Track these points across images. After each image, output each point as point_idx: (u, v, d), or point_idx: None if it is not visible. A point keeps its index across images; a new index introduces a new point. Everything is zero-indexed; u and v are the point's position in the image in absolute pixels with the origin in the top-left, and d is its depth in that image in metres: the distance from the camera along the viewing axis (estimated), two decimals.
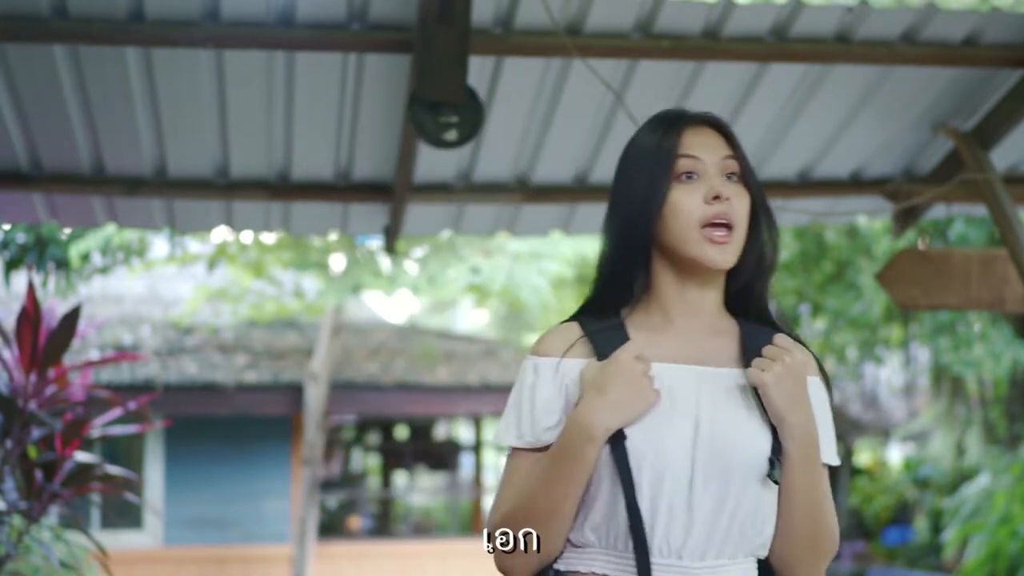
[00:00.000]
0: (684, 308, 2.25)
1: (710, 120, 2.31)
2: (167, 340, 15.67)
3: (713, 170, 2.23)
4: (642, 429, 2.14)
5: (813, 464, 2.18)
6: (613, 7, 4.88)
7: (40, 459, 5.38)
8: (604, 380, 2.14)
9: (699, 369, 2.21)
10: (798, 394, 2.15)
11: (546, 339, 2.29)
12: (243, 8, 4.72)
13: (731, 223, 2.19)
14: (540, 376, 2.25)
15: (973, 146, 5.55)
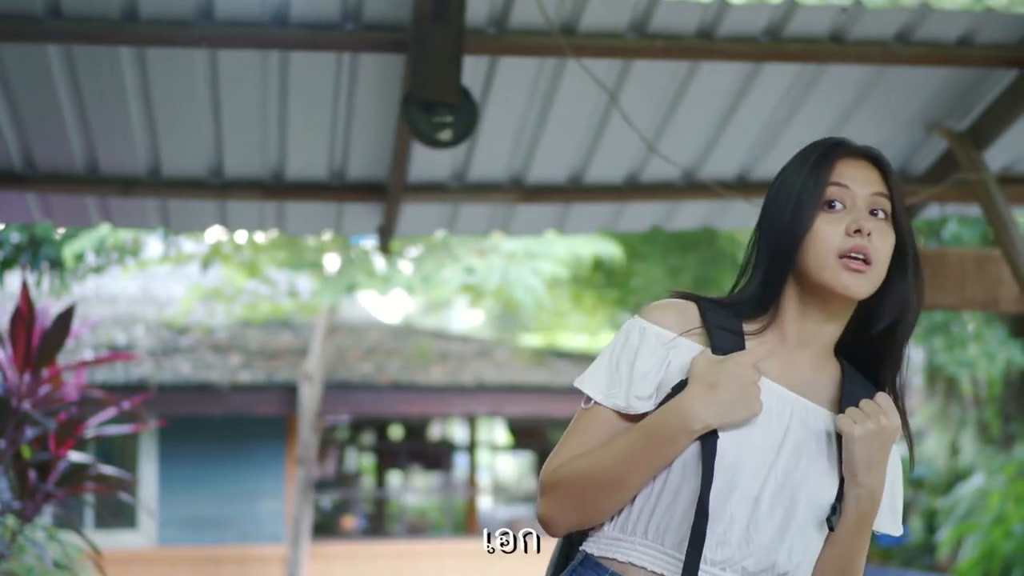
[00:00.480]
0: (800, 336, 2.23)
1: (870, 154, 2.28)
2: (161, 340, 15.65)
3: (861, 203, 2.20)
4: (733, 435, 2.12)
5: (866, 526, 2.19)
6: (607, 7, 4.88)
7: (34, 459, 5.37)
8: (718, 377, 2.12)
9: (795, 399, 2.20)
10: (879, 457, 2.16)
11: (661, 309, 2.26)
12: (237, 8, 4.72)
13: (868, 258, 2.16)
14: (645, 342, 2.22)
15: (967, 146, 5.56)
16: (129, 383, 13.96)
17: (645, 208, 6.45)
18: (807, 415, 2.19)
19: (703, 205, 6.49)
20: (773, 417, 2.16)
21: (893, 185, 2.24)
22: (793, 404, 2.19)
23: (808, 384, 2.22)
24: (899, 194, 2.25)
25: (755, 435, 2.14)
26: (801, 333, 2.23)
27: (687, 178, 5.98)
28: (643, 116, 5.47)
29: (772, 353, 2.21)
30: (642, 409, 2.16)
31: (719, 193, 5.89)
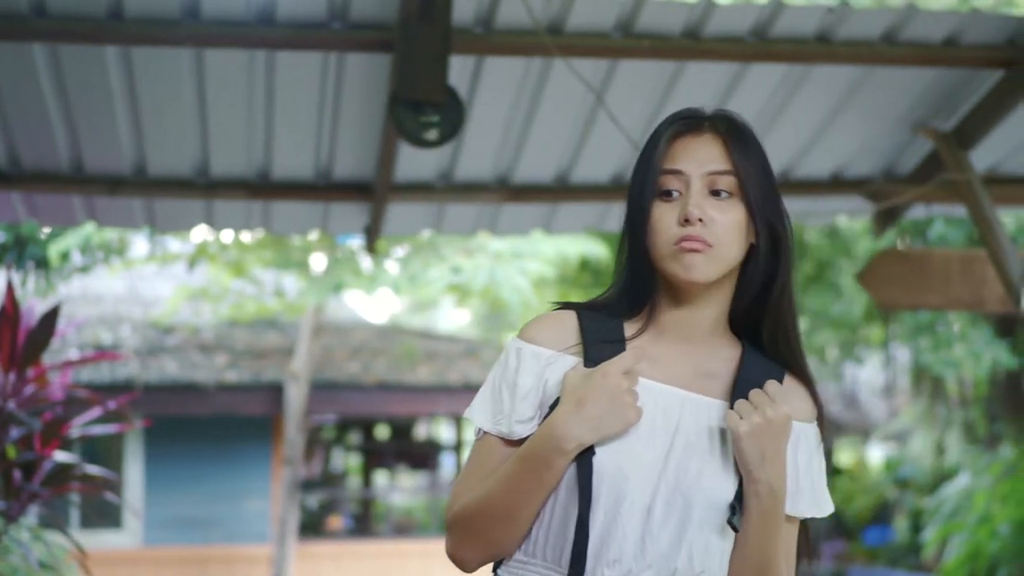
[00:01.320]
0: (678, 327, 2.15)
1: (716, 125, 2.15)
2: (147, 340, 15.62)
3: (696, 185, 2.10)
4: (612, 448, 2.05)
5: (773, 521, 2.07)
6: (594, 7, 4.88)
7: (19, 459, 5.36)
8: (586, 392, 2.04)
9: (684, 395, 2.11)
10: (772, 450, 2.04)
11: (537, 325, 2.19)
12: (223, 7, 4.71)
13: (705, 240, 2.07)
14: (523, 363, 2.14)
15: (953, 147, 5.57)
16: (115, 383, 13.93)
17: None
18: (699, 411, 2.10)
19: None
20: (659, 420, 2.08)
21: (738, 153, 2.11)
22: (682, 401, 2.10)
23: (700, 377, 2.13)
24: (748, 160, 2.12)
25: (638, 444, 2.06)
26: (678, 324, 2.15)
27: None
28: (630, 116, 5.47)
29: (647, 353, 2.12)
30: (524, 433, 2.11)
31: None
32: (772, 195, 2.14)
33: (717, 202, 2.09)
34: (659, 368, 2.13)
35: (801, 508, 2.15)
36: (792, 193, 6.24)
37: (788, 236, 2.16)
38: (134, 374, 14.44)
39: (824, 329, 15.37)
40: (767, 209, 2.13)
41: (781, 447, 2.06)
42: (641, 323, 2.17)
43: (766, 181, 2.13)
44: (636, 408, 2.05)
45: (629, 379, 2.05)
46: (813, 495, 2.16)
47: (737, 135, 2.14)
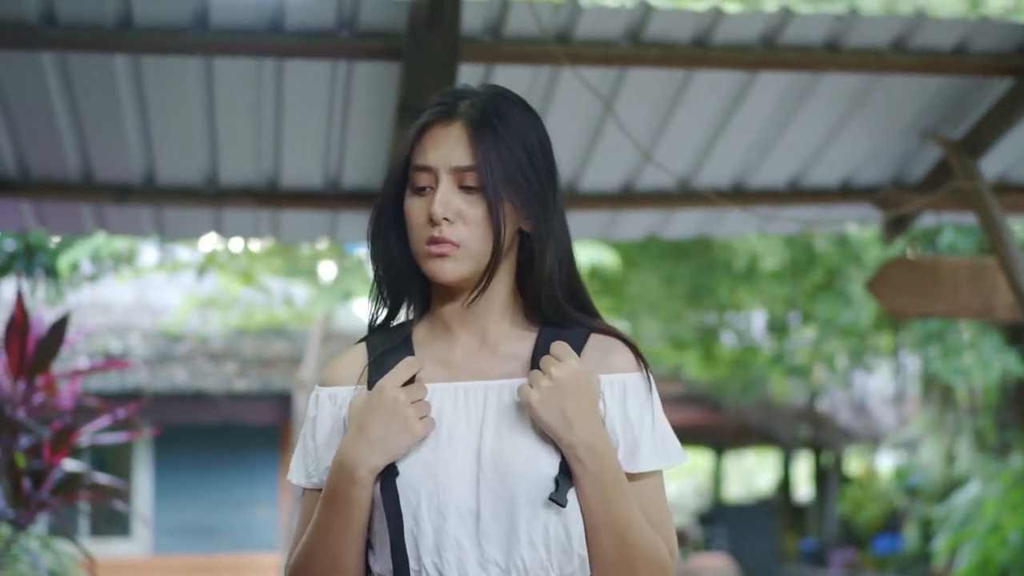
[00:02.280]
0: (462, 318, 2.07)
1: (468, 112, 2.04)
2: (156, 348, 15.63)
3: (446, 180, 2.01)
4: (419, 461, 1.97)
5: (609, 483, 1.96)
6: (602, 15, 4.88)
7: (28, 467, 5.36)
8: (365, 414, 1.97)
9: (486, 386, 2.02)
10: (574, 409, 1.94)
11: (332, 365, 2.14)
12: (232, 15, 4.72)
13: (449, 247, 1.99)
14: (321, 409, 2.09)
15: (962, 154, 5.56)
16: (124, 391, 13.94)
17: (640, 216, 6.45)
18: (503, 395, 2.01)
19: (698, 213, 6.49)
20: (461, 419, 2.00)
21: (482, 144, 2.00)
22: (485, 392, 2.02)
23: (500, 362, 2.05)
24: (495, 149, 2.01)
25: (446, 449, 1.98)
26: (462, 317, 2.07)
27: (682, 186, 5.98)
28: (638, 124, 5.47)
29: (443, 349, 2.06)
30: None
31: (714, 201, 5.89)
32: (526, 179, 2.03)
33: (467, 196, 2.01)
34: (453, 366, 2.05)
35: (643, 462, 2.03)
36: (801, 201, 6.24)
37: (553, 215, 2.06)
38: (143, 383, 14.45)
39: (833, 337, 15.34)
40: (522, 195, 2.03)
41: (584, 404, 1.96)
42: (428, 323, 2.11)
43: (516, 167, 2.02)
44: (421, 420, 1.97)
45: (410, 390, 1.98)
46: (654, 445, 2.04)
47: (484, 123, 2.02)
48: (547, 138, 2.10)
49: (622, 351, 2.08)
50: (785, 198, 6.20)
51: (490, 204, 1.99)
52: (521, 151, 2.04)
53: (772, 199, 6.17)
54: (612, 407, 2.03)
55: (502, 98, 2.08)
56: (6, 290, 11.01)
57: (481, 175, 2.00)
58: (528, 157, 2.04)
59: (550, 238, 2.05)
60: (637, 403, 2.05)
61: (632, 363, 2.07)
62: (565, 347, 1.99)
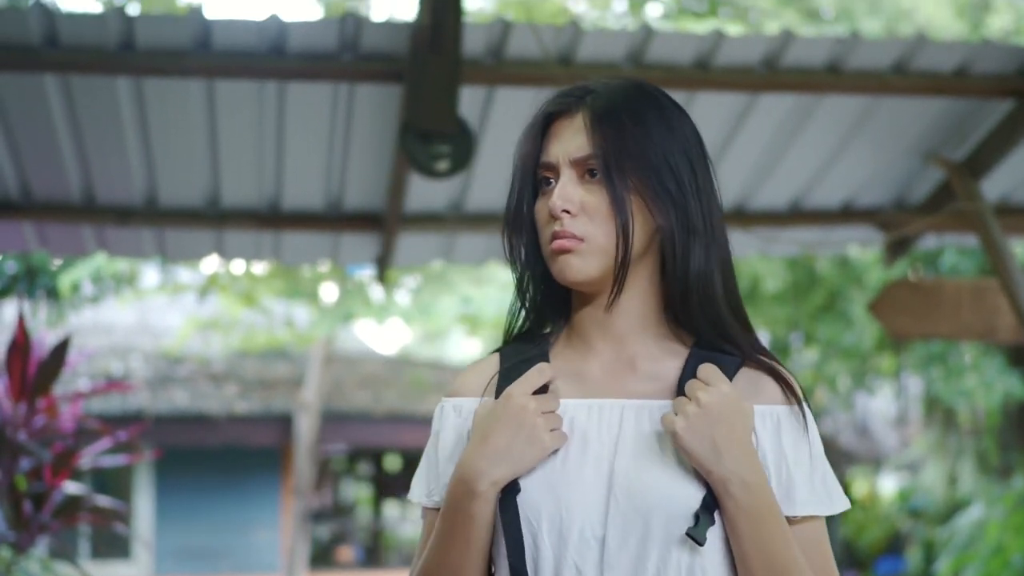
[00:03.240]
0: (601, 331, 1.90)
1: (591, 103, 1.88)
2: (157, 370, 15.64)
3: (566, 173, 1.86)
4: (543, 478, 1.81)
5: (763, 519, 1.77)
6: (604, 37, 4.89)
7: (29, 490, 5.35)
8: (490, 423, 1.81)
9: (623, 405, 1.85)
10: (724, 437, 1.75)
11: (460, 376, 1.99)
12: (234, 38, 4.73)
13: (573, 235, 1.83)
14: (445, 422, 1.95)
15: (964, 176, 5.56)
16: (126, 413, 13.94)
17: None
18: (642, 417, 1.83)
19: None
20: (593, 437, 1.83)
21: (604, 131, 1.84)
22: (621, 411, 1.84)
23: (640, 381, 1.87)
24: (619, 136, 1.84)
25: (573, 468, 1.81)
26: (600, 328, 1.90)
27: None
28: None
29: (580, 363, 1.90)
30: None
31: None
32: (658, 172, 1.85)
33: (591, 187, 1.85)
34: (590, 380, 1.89)
35: (800, 504, 1.83)
36: (803, 223, 6.24)
37: (698, 215, 1.87)
38: (144, 404, 14.44)
39: (835, 359, 15.33)
40: (654, 187, 1.84)
41: (737, 432, 1.77)
42: (566, 336, 1.95)
43: (644, 157, 1.85)
44: (551, 432, 1.81)
45: (541, 399, 1.82)
46: (812, 487, 1.85)
47: (608, 110, 1.86)
48: (694, 135, 1.92)
49: (778, 382, 1.88)
50: (787, 220, 6.20)
51: (611, 192, 1.82)
52: (652, 142, 1.85)
53: (774, 221, 6.17)
54: (765, 440, 1.84)
55: (636, 88, 1.91)
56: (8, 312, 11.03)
57: (601, 161, 1.83)
58: (662, 149, 1.85)
59: (693, 239, 1.85)
60: (792, 439, 1.85)
61: (787, 396, 1.87)
62: (714, 370, 1.81)
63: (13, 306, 11.01)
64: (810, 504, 1.84)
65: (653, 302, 1.90)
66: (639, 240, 1.84)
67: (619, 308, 1.88)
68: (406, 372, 16.80)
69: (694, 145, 1.91)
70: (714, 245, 1.87)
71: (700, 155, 1.91)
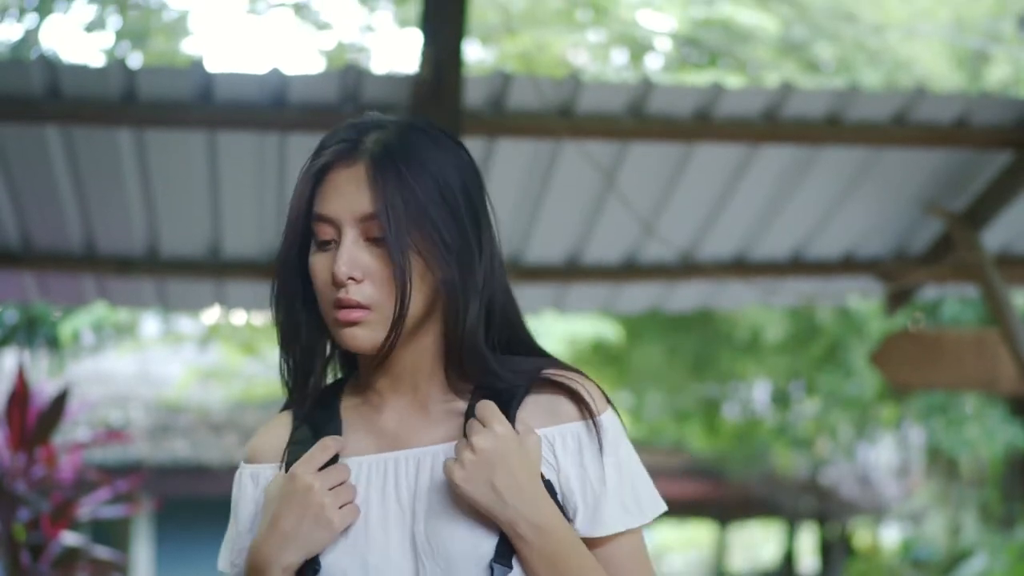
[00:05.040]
0: (390, 380, 1.79)
1: (371, 149, 1.74)
2: (157, 420, 15.61)
3: (350, 233, 1.72)
4: (347, 551, 1.72)
5: (560, 557, 1.69)
6: (604, 90, 4.91)
7: (27, 541, 5.33)
8: (278, 505, 1.72)
9: (418, 453, 1.76)
10: (505, 480, 1.67)
11: (256, 439, 1.88)
12: (236, 90, 4.74)
13: (361, 307, 1.72)
14: (242, 490, 1.86)
15: (964, 227, 5.57)
16: (125, 463, 13.89)
17: (642, 289, 6.45)
18: (436, 464, 1.74)
19: (700, 286, 6.49)
20: (391, 498, 1.74)
21: (384, 186, 1.71)
22: (417, 463, 1.75)
23: (434, 426, 1.78)
24: (399, 191, 1.71)
25: (375, 537, 1.73)
26: (388, 378, 1.79)
27: (684, 259, 5.99)
28: (640, 198, 5.48)
29: (372, 416, 1.80)
30: None
31: (716, 274, 5.89)
32: (437, 225, 1.73)
33: (374, 249, 1.72)
34: (384, 433, 1.79)
35: (608, 522, 1.75)
36: (803, 274, 6.24)
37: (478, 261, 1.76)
38: (144, 455, 14.40)
39: (836, 409, 15.31)
40: (436, 242, 1.72)
41: (518, 472, 1.68)
42: (355, 386, 1.84)
43: (424, 211, 1.72)
44: (340, 510, 1.71)
45: (327, 474, 1.72)
46: (621, 500, 1.76)
47: (386, 161, 1.73)
48: (471, 174, 1.82)
49: (571, 398, 1.77)
50: (787, 270, 6.20)
51: (394, 258, 1.70)
52: (432, 191, 1.73)
53: (774, 272, 6.17)
54: (567, 463, 1.75)
55: (413, 130, 1.79)
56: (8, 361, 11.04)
57: (385, 221, 1.70)
58: (442, 198, 1.74)
59: (469, 292, 1.74)
60: (592, 454, 1.75)
61: (587, 409, 1.77)
62: (490, 408, 1.71)
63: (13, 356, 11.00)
64: (619, 519, 1.75)
65: (441, 345, 1.80)
66: (421, 300, 1.74)
67: (408, 358, 1.78)
68: None
69: (471, 187, 1.80)
70: (491, 288, 1.78)
71: (474, 195, 1.79)
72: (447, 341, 1.77)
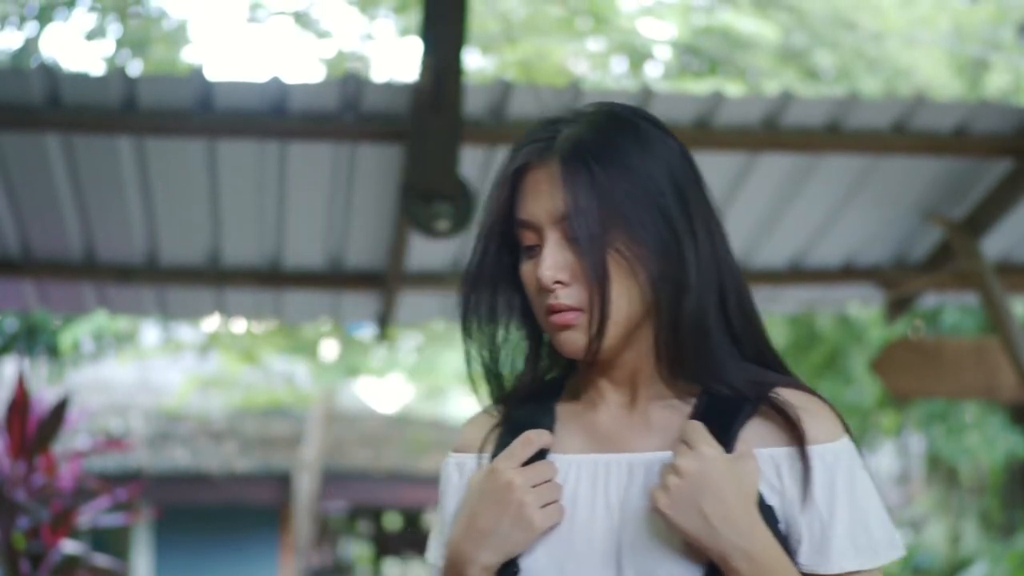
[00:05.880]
0: (609, 380, 1.69)
1: (561, 146, 1.64)
2: (157, 428, 15.60)
3: (552, 236, 1.63)
4: (547, 554, 1.61)
5: None
6: (604, 98, 4.90)
7: (27, 549, 5.33)
8: (477, 500, 1.63)
9: (631, 459, 1.64)
10: (715, 507, 1.54)
11: (464, 428, 1.81)
12: (236, 98, 4.75)
13: (572, 310, 1.62)
14: (448, 481, 1.76)
15: (964, 235, 5.57)
16: (125, 471, 13.88)
17: None
18: (651, 474, 1.62)
19: None
20: (600, 502, 1.63)
21: (575, 186, 1.61)
22: (629, 470, 1.63)
23: (651, 432, 1.66)
24: (591, 188, 1.61)
25: (578, 543, 1.61)
26: (608, 372, 1.68)
27: None
28: None
29: (589, 412, 1.69)
30: None
31: None
32: (650, 213, 1.64)
33: (576, 250, 1.63)
34: (599, 433, 1.68)
35: (836, 559, 1.59)
36: (803, 281, 6.24)
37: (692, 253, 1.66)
38: (144, 463, 14.40)
39: None
40: (641, 238, 1.62)
41: (730, 498, 1.54)
42: (577, 378, 1.74)
43: (617, 206, 1.62)
44: (542, 511, 1.61)
45: (531, 471, 1.63)
46: (852, 537, 1.59)
47: (575, 157, 1.63)
48: (678, 162, 1.73)
49: (806, 417, 1.63)
50: (787, 278, 6.20)
51: (584, 258, 1.60)
52: (629, 186, 1.63)
53: (774, 279, 6.17)
54: (793, 490, 1.61)
55: (610, 122, 1.69)
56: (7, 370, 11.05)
57: (577, 222, 1.61)
58: (641, 191, 1.64)
59: (680, 288, 1.63)
60: (825, 482, 1.61)
61: (823, 431, 1.63)
62: (697, 429, 1.59)
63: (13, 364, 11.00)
64: (848, 557, 1.59)
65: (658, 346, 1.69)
66: (633, 298, 1.63)
67: (628, 358, 1.67)
68: (406, 431, 16.76)
69: (680, 168, 1.72)
70: (713, 281, 1.68)
71: (690, 178, 1.73)
72: (658, 341, 1.65)
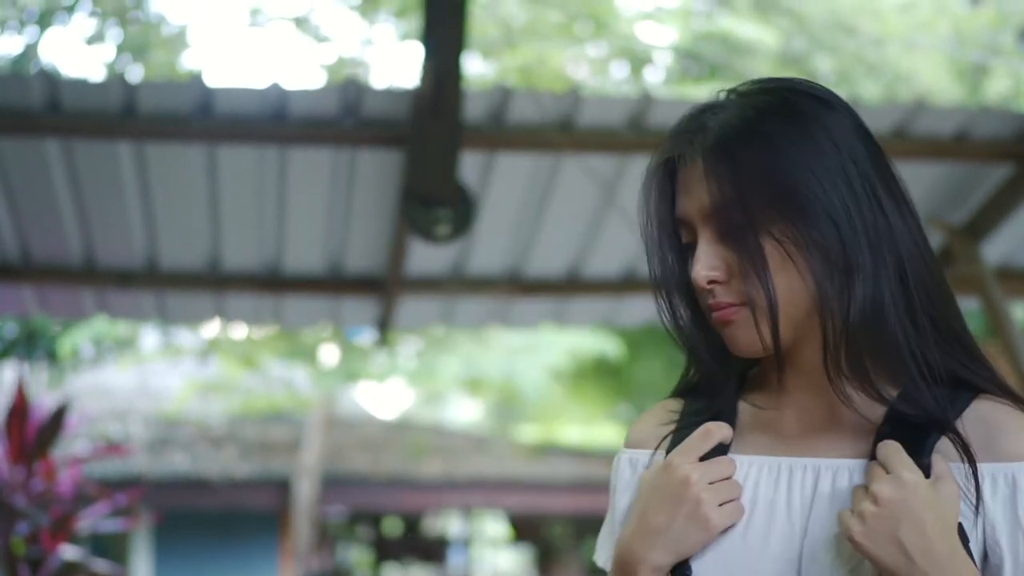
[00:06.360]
0: (794, 376, 1.56)
1: (704, 139, 1.55)
2: (156, 433, 15.60)
3: (704, 235, 1.54)
4: (719, 558, 1.52)
5: None
6: (604, 103, 4.91)
7: (26, 554, 5.32)
8: (650, 496, 1.53)
9: (820, 463, 1.53)
10: (914, 537, 1.40)
11: (637, 422, 1.69)
12: (236, 103, 4.75)
13: (732, 306, 1.52)
14: (620, 477, 1.65)
15: (964, 240, 5.57)
16: (125, 476, 13.87)
17: (642, 303, 6.44)
18: (842, 482, 1.51)
19: None
20: (781, 506, 1.52)
21: (717, 174, 1.51)
22: (816, 475, 1.52)
23: (842, 436, 1.54)
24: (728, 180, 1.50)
25: (754, 545, 1.51)
26: (794, 377, 1.56)
27: None
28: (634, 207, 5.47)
29: (772, 410, 1.58)
30: None
31: None
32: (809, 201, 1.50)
33: (730, 246, 1.53)
34: (783, 434, 1.57)
35: None
36: None
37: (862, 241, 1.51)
38: (143, 468, 14.39)
39: None
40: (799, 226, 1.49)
41: (930, 529, 1.41)
42: (762, 370, 1.62)
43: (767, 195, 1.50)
44: (720, 509, 1.51)
45: (710, 466, 1.53)
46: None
47: (720, 147, 1.52)
48: (848, 135, 1.58)
49: (1016, 428, 1.49)
50: None
51: (736, 249, 1.51)
52: (779, 173, 1.50)
53: None
54: (996, 510, 1.47)
55: (763, 105, 1.55)
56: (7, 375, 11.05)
57: (727, 216, 1.51)
58: (793, 171, 1.50)
59: (844, 278, 1.49)
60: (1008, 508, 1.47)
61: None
62: (895, 451, 1.45)
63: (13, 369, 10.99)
64: None
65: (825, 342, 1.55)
66: (798, 290, 1.50)
67: (808, 352, 1.54)
68: (406, 436, 16.76)
69: (848, 149, 1.57)
70: (888, 265, 1.53)
71: (853, 158, 1.56)
72: (826, 333, 1.50)
